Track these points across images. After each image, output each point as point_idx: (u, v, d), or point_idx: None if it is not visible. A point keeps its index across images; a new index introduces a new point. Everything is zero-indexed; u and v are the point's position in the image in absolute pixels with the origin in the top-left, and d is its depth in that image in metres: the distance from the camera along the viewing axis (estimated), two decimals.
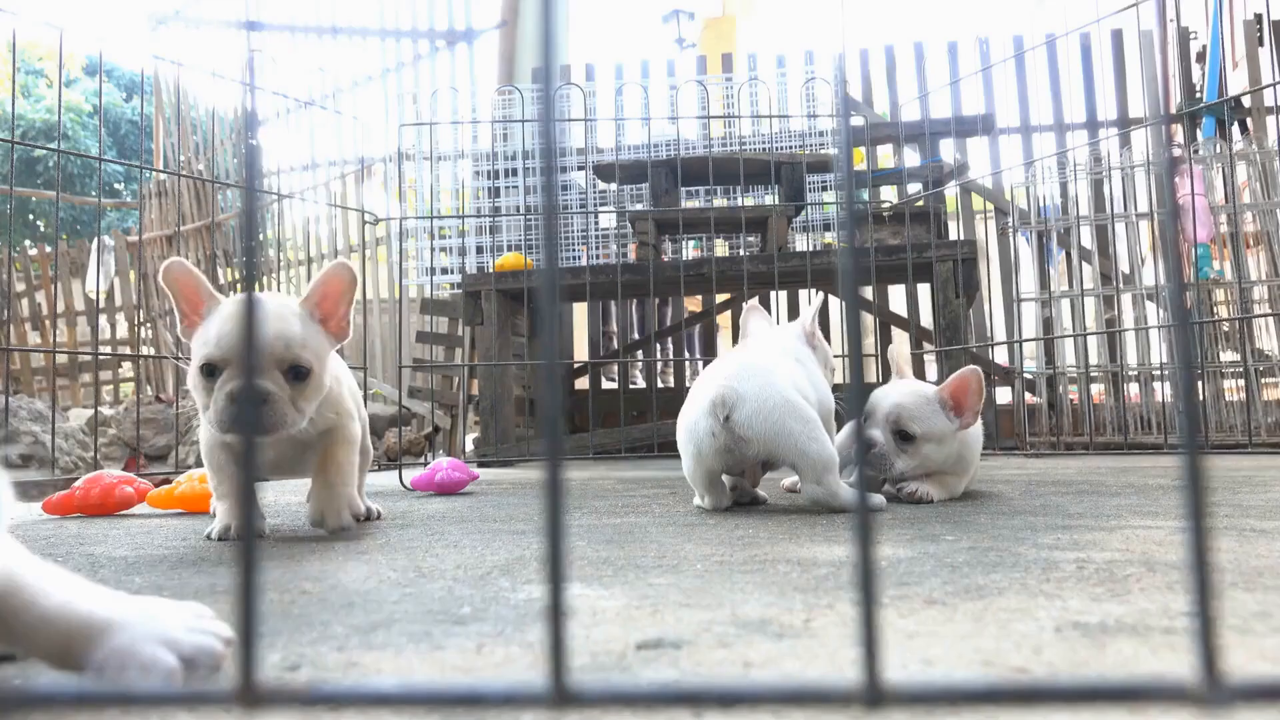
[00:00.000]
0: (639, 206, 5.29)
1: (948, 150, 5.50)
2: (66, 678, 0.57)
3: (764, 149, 5.34)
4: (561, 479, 0.32)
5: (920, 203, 4.76)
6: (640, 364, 6.67)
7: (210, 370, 1.51)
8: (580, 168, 5.46)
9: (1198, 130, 5.64)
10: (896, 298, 6.12)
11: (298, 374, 1.53)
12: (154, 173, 8.59)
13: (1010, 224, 5.37)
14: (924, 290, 5.16)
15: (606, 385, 6.14)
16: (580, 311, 6.44)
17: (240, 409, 1.46)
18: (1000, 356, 5.54)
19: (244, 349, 1.37)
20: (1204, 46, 6.01)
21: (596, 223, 5.48)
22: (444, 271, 5.58)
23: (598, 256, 5.37)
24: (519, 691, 0.32)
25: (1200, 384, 4.64)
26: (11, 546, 0.71)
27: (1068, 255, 5.40)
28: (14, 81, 3.09)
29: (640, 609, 0.97)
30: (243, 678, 0.32)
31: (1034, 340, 5.05)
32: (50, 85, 19.14)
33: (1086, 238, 5.43)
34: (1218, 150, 5.01)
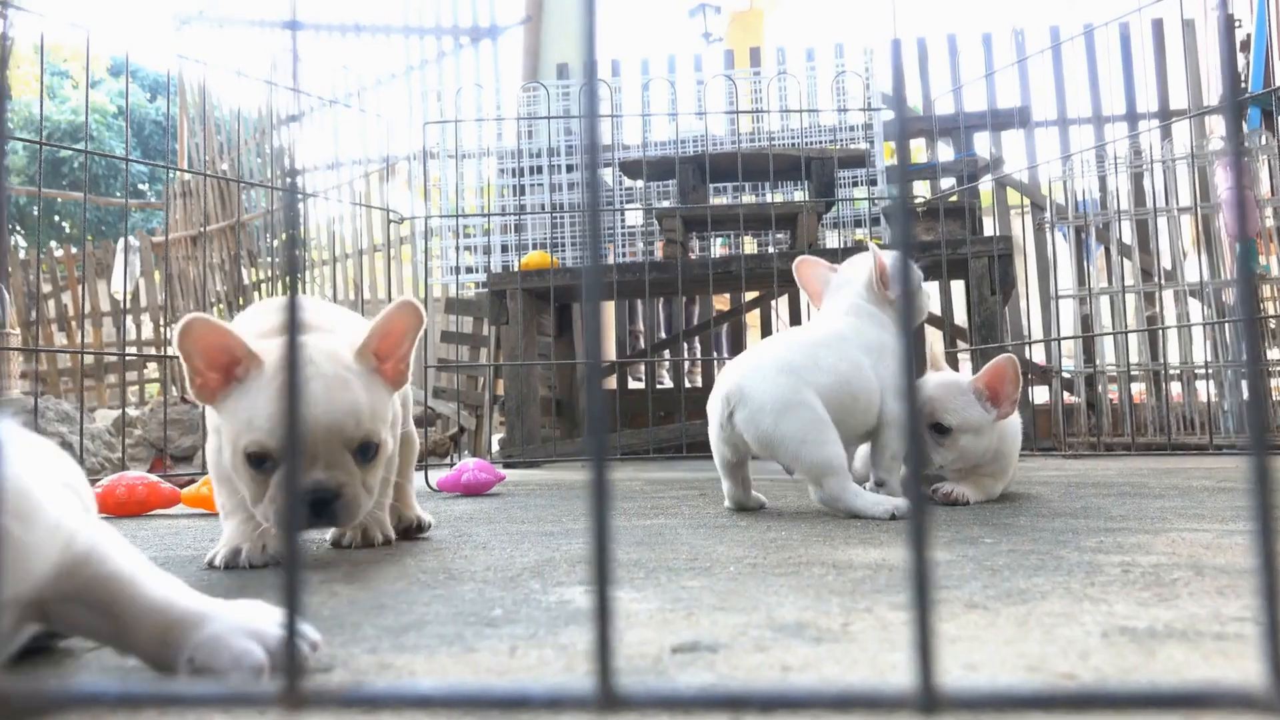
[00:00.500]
0: (666, 204, 5.29)
1: (982, 144, 5.46)
2: (107, 677, 0.58)
3: (793, 144, 5.32)
4: (608, 479, 0.32)
5: (954, 198, 4.72)
6: (667, 363, 6.66)
7: (260, 460, 1.26)
8: (606, 165, 5.47)
9: (1243, 121, 5.55)
10: (930, 296, 6.08)
11: (366, 451, 1.30)
12: (178, 173, 8.69)
13: (1047, 219, 5.32)
14: (958, 288, 5.12)
15: (633, 385, 6.15)
16: (607, 310, 6.45)
17: (310, 508, 1.25)
18: (1037, 355, 5.48)
19: (289, 445, 1.33)
20: (1248, 35, 5.92)
21: (623, 221, 5.49)
22: (469, 270, 5.61)
23: (624, 255, 5.38)
24: (564, 694, 0.32)
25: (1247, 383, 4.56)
26: (115, 539, 0.74)
27: (1107, 251, 5.34)
28: (42, 83, 3.14)
29: (674, 612, 0.97)
30: (286, 679, 0.32)
31: (1072, 338, 5.00)
32: (76, 86, 19.45)
33: (1126, 233, 5.36)
34: (1263, 142, 4.92)
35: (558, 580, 1.19)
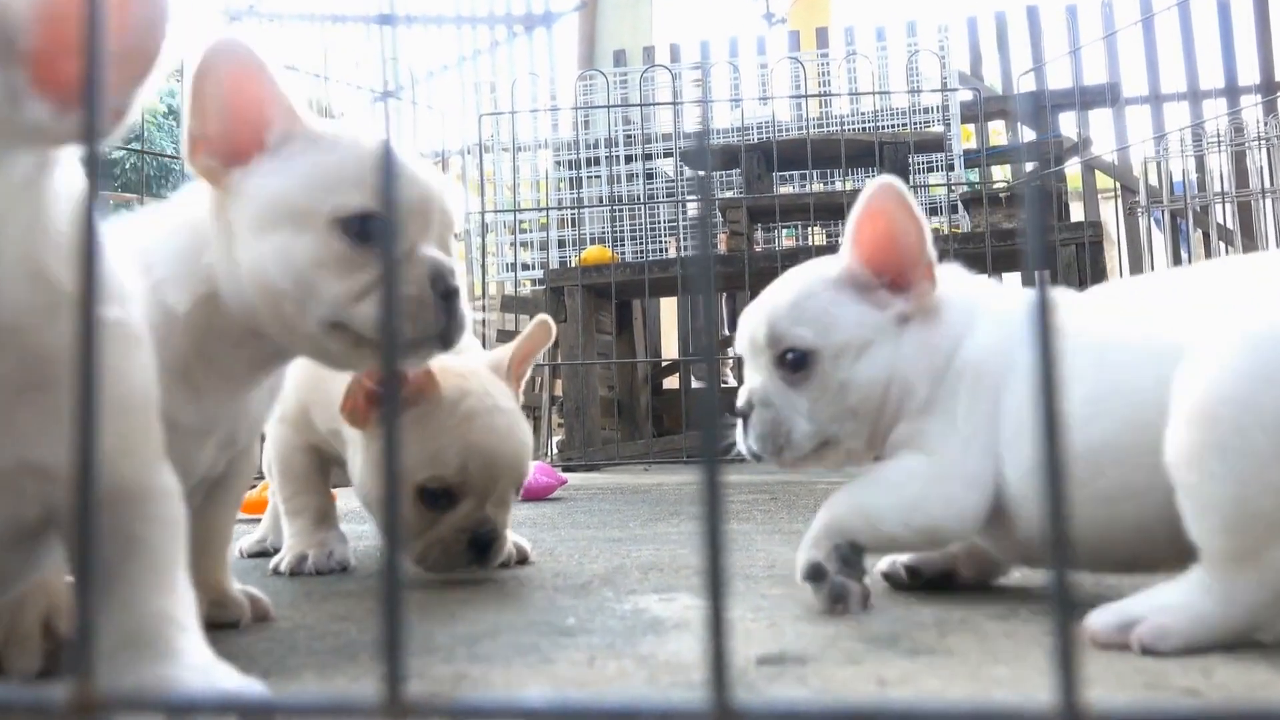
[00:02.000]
0: (730, 194, 5.27)
1: (1068, 124, 5.34)
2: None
3: (864, 129, 5.26)
4: (720, 481, 0.31)
5: (1039, 182, 4.63)
6: (731, 362, 6.64)
7: (436, 497, 1.20)
8: (667, 154, 5.47)
9: None
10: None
11: (517, 489, 1.30)
12: None
13: (1140, 203, 5.18)
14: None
15: (696, 385, 6.14)
16: (669, 306, 6.45)
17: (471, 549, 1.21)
18: None
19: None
20: None
21: (684, 212, 5.48)
22: (525, 267, 5.65)
23: (687, 248, 5.37)
24: (679, 708, 0.32)
25: None
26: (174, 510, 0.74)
27: (1205, 236, 5.18)
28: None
29: (756, 622, 0.97)
30: (388, 689, 0.32)
31: None
32: None
33: (1227, 216, 5.19)
34: None
35: (630, 588, 1.19)
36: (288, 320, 0.89)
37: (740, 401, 1.13)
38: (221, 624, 0.98)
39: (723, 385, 6.20)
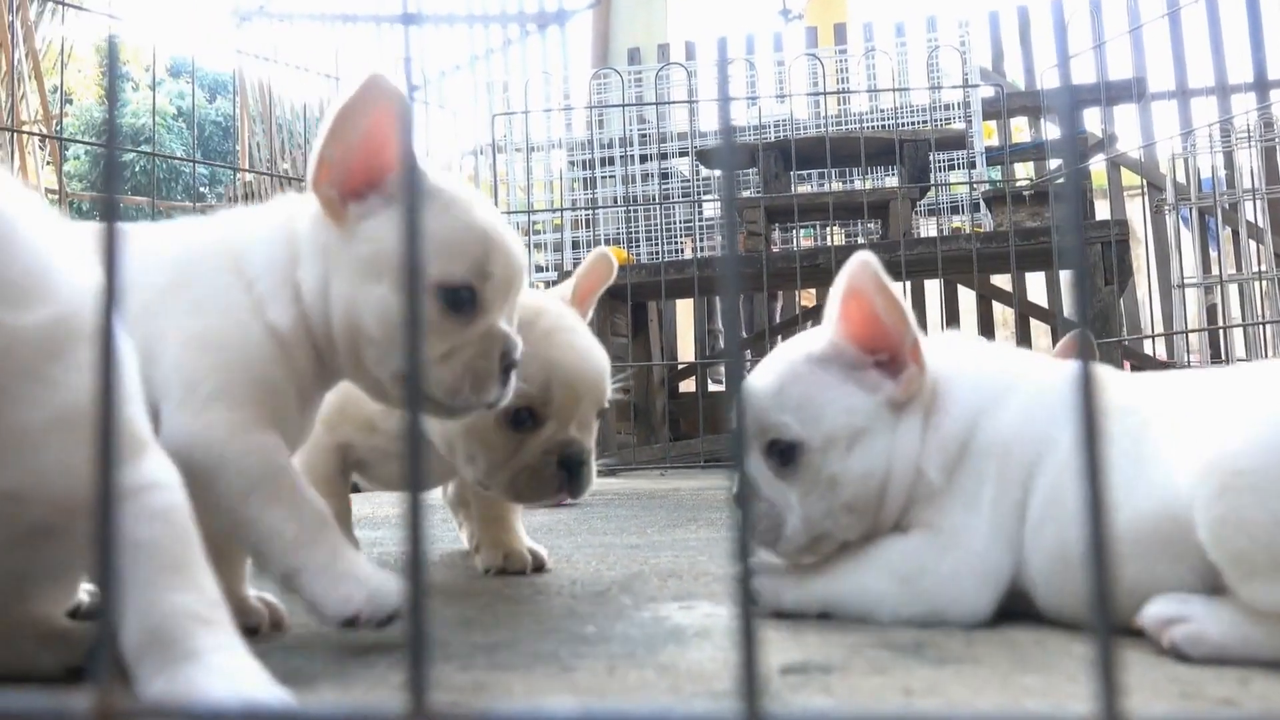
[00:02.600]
0: (747, 194, 5.26)
1: (1093, 120, 5.31)
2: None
3: (883, 126, 5.25)
4: (751, 492, 0.31)
5: (1062, 180, 4.61)
6: (751, 364, 6.61)
7: (521, 418, 1.15)
8: (683, 154, 5.47)
9: None
10: (1036, 287, 5.93)
11: (600, 413, 1.26)
12: (240, 174, 8.96)
13: (1167, 201, 5.15)
14: (1067, 277, 4.98)
15: (713, 388, 6.13)
16: (685, 308, 6.45)
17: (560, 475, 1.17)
18: (1158, 350, 5.31)
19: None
20: None
21: (700, 213, 5.48)
22: (539, 269, 5.66)
23: (703, 249, 5.37)
24: (708, 718, 0.32)
25: None
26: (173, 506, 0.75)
27: (1234, 235, 5.14)
28: (112, 88, 3.26)
29: (778, 630, 0.96)
30: (414, 699, 0.33)
31: (1197, 331, 4.83)
32: (136, 89, 20.19)
33: (1257, 214, 5.15)
34: None
35: (649, 595, 1.19)
36: (364, 361, 0.94)
37: (735, 489, 1.07)
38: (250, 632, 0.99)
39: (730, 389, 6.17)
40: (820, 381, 1.03)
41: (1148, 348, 5.13)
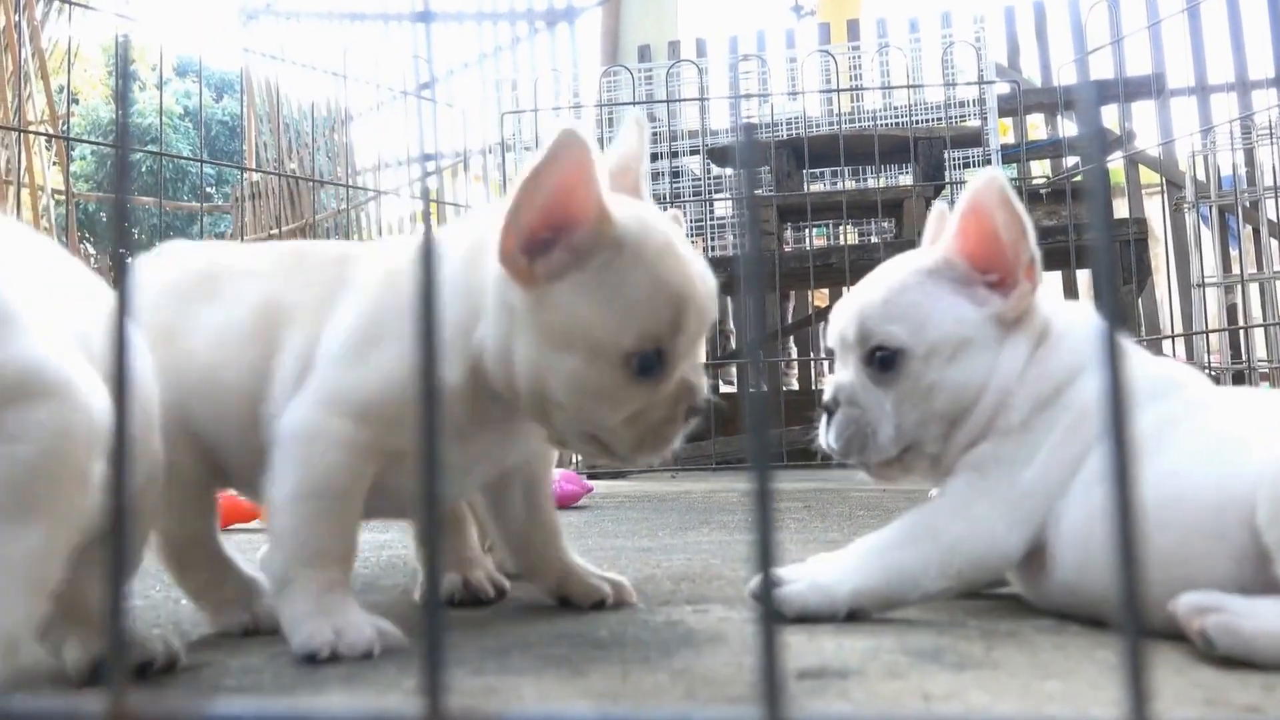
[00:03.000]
0: (759, 192, 5.25)
1: (1111, 117, 5.29)
2: (242, 699, 0.60)
3: (897, 123, 5.23)
4: (771, 490, 0.31)
5: (1079, 177, 4.59)
6: (762, 365, 6.60)
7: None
8: (694, 152, 5.46)
9: None
10: (1053, 287, 5.92)
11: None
12: (246, 174, 8.99)
13: (1186, 199, 5.12)
14: (1085, 277, 4.97)
15: (724, 389, 6.13)
16: None
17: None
18: (1178, 350, 5.28)
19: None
20: None
21: (711, 212, 5.48)
22: None
23: (714, 249, 5.36)
24: None
25: None
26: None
27: (1255, 233, 5.12)
28: (120, 89, 3.28)
29: (795, 634, 0.96)
30: (430, 702, 0.33)
31: (1218, 331, 4.80)
32: (143, 88, 20.29)
33: (1278, 212, 5.12)
34: None
35: (662, 599, 1.18)
36: (550, 420, 0.94)
37: (826, 396, 1.10)
38: (256, 633, 1.03)
39: (751, 389, 6.17)
40: (929, 292, 1.06)
41: (1167, 348, 5.10)
